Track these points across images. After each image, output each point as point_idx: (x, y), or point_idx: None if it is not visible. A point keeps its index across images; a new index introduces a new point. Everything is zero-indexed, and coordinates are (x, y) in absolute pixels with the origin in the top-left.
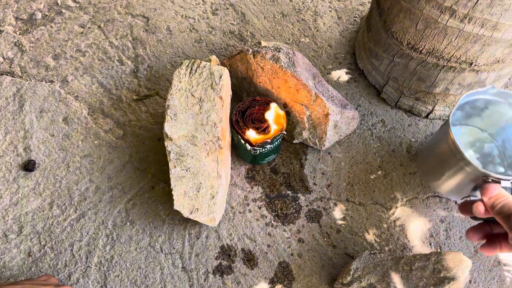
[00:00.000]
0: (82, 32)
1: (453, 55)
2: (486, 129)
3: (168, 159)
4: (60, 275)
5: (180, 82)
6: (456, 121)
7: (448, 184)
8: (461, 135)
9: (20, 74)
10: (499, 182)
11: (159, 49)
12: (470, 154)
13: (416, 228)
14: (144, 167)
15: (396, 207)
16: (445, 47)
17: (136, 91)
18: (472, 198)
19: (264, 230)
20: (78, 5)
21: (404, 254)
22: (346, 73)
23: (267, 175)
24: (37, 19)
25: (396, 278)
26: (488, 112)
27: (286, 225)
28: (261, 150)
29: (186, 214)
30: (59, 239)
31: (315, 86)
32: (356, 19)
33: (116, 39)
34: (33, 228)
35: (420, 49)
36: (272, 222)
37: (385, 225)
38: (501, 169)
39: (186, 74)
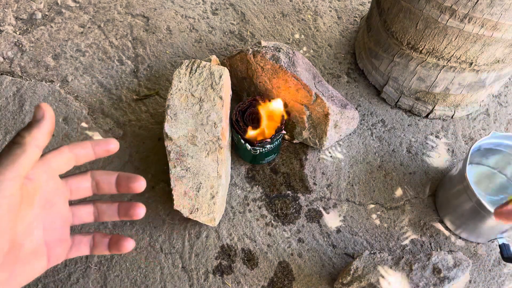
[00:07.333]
0: (82, 32)
1: (453, 55)
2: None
3: (168, 159)
4: (60, 275)
5: (180, 82)
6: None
7: (476, 231)
8: (474, 175)
9: (20, 74)
10: None
11: (159, 49)
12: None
13: (416, 228)
14: (144, 167)
15: (396, 207)
16: (445, 47)
17: (136, 91)
18: (498, 239)
19: (264, 230)
20: (78, 5)
21: (404, 254)
22: (346, 73)
23: (267, 175)
24: (37, 19)
25: (396, 278)
26: (496, 153)
27: (286, 225)
28: (261, 150)
29: (186, 214)
30: None
31: (315, 86)
32: (356, 19)
33: (116, 39)
34: None
35: (420, 49)
36: (272, 222)
37: (385, 225)
38: None
39: (186, 74)
